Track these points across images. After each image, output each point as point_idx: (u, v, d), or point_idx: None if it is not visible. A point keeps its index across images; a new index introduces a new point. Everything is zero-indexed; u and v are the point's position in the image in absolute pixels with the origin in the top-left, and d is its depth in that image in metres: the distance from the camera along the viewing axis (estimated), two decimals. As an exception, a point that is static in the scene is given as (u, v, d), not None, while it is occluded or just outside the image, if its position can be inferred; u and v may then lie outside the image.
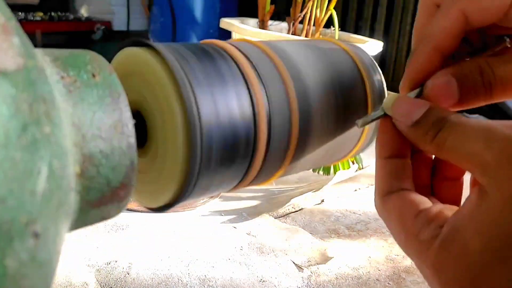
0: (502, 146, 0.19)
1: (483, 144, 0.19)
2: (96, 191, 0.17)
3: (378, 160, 0.24)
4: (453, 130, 0.21)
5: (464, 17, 0.23)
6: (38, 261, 0.13)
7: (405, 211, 0.22)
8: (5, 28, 0.13)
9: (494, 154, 0.19)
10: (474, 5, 0.23)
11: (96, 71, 0.18)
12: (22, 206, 0.12)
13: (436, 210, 0.21)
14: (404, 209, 0.22)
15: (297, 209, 0.60)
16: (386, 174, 0.23)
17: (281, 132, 0.24)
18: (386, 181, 0.23)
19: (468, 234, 0.19)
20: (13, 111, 0.12)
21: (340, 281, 0.45)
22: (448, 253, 0.19)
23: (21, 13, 1.89)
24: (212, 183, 0.23)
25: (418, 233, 0.21)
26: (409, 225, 0.21)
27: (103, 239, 0.49)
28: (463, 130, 0.20)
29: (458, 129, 0.21)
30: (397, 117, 0.23)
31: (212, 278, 0.44)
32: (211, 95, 0.21)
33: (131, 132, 0.18)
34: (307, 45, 0.29)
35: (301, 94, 0.25)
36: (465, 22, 0.23)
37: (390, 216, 0.22)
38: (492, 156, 0.19)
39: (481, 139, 0.19)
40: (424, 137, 0.22)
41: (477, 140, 0.20)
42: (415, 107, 0.22)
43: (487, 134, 0.19)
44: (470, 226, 0.19)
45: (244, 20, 0.84)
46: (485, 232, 0.18)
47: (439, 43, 0.24)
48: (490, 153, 0.19)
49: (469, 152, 0.20)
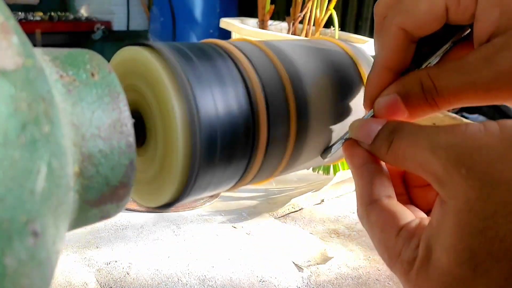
0: (447, 153, 0.18)
1: (429, 152, 0.19)
2: (95, 190, 0.17)
3: (353, 170, 0.24)
4: (404, 140, 0.21)
5: (404, 32, 0.23)
6: (37, 260, 0.13)
7: (387, 228, 0.21)
8: (4, 27, 0.13)
9: (441, 162, 0.18)
10: (410, 19, 0.23)
11: (95, 70, 0.18)
12: (21, 205, 0.12)
13: (415, 224, 0.21)
14: (385, 225, 0.22)
15: (297, 209, 0.60)
16: (365, 183, 0.23)
17: (280, 126, 0.24)
18: (365, 191, 0.23)
19: (438, 250, 0.18)
20: (12, 110, 0.12)
21: (340, 281, 0.45)
22: (426, 274, 0.19)
23: (21, 13, 1.89)
24: (212, 181, 0.23)
25: (399, 253, 0.20)
26: (391, 244, 0.21)
27: (103, 239, 0.49)
28: (413, 139, 0.20)
29: (409, 138, 0.21)
30: (360, 139, 0.24)
31: (212, 278, 0.44)
32: (210, 93, 0.21)
33: (130, 131, 0.18)
34: (306, 44, 0.29)
35: (299, 89, 0.25)
36: (405, 36, 0.23)
37: (373, 231, 0.22)
38: (439, 165, 0.18)
39: (428, 147, 0.19)
40: (380, 150, 0.22)
41: (424, 148, 0.19)
42: (372, 126, 0.23)
43: (432, 142, 0.19)
44: (438, 241, 0.19)
45: (244, 20, 0.84)
46: (451, 246, 0.18)
47: (386, 61, 0.24)
48: (437, 161, 0.19)
49: (420, 161, 0.20)
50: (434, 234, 0.19)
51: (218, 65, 0.23)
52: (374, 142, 0.23)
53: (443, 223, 0.18)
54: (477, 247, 0.17)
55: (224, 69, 0.23)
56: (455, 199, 0.18)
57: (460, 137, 0.18)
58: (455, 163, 0.18)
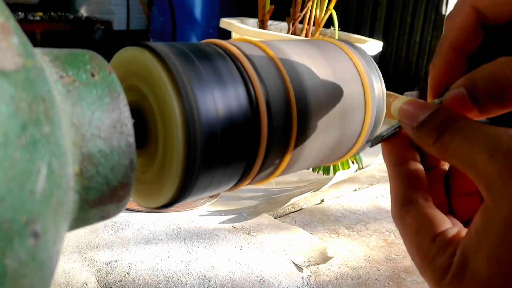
0: (506, 157, 0.17)
1: (487, 153, 0.18)
2: (96, 190, 0.17)
3: (390, 169, 0.23)
4: (459, 134, 0.19)
5: (477, 13, 0.22)
6: (37, 260, 0.13)
7: (422, 231, 0.21)
8: (4, 27, 0.13)
9: (497, 166, 0.17)
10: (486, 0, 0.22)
11: (95, 70, 0.18)
12: (21, 205, 0.12)
13: (452, 233, 0.20)
14: (421, 229, 0.21)
15: (297, 209, 0.60)
16: (401, 183, 0.22)
17: (281, 126, 0.24)
18: (401, 191, 0.22)
19: (477, 260, 0.18)
20: (12, 111, 0.12)
21: (340, 281, 0.45)
22: (461, 284, 0.18)
23: (21, 12, 1.89)
24: (212, 182, 0.23)
25: (433, 258, 0.20)
26: (425, 249, 0.20)
27: (103, 239, 0.49)
28: (469, 135, 0.19)
29: (464, 134, 0.19)
30: (402, 119, 0.22)
31: (212, 278, 0.44)
32: (211, 94, 0.21)
33: (130, 132, 0.18)
34: (306, 44, 0.29)
35: (300, 90, 0.25)
36: (478, 17, 0.22)
37: (407, 233, 0.21)
38: (495, 169, 0.17)
39: (486, 147, 0.18)
40: (427, 139, 0.21)
41: (481, 148, 0.18)
42: (421, 109, 0.21)
43: (492, 143, 0.18)
44: (477, 250, 0.18)
45: (243, 20, 0.84)
46: (492, 256, 0.17)
47: (454, 41, 0.23)
48: (493, 165, 0.17)
49: (472, 160, 0.18)
50: (473, 243, 0.18)
51: (219, 65, 0.23)
52: (421, 127, 0.21)
53: (486, 231, 0.17)
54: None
55: (224, 69, 0.23)
56: (504, 206, 0.17)
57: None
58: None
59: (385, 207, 0.62)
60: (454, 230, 0.20)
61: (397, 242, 0.52)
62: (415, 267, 0.22)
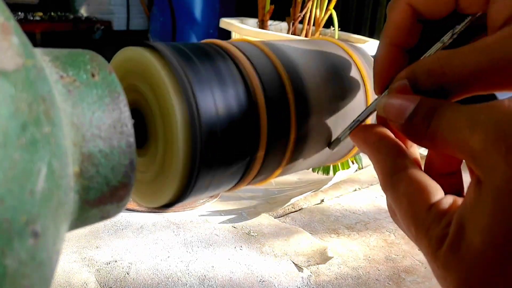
0: (487, 130, 0.17)
1: (468, 130, 0.18)
2: (96, 190, 0.17)
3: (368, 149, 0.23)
4: (443, 119, 0.20)
5: (412, 9, 0.23)
6: (37, 260, 0.13)
7: (418, 200, 0.20)
8: (4, 27, 0.13)
9: (479, 140, 0.17)
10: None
11: (95, 70, 0.18)
12: (21, 205, 0.12)
13: (448, 203, 0.20)
14: (416, 197, 0.20)
15: (297, 209, 0.60)
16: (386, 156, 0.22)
17: (281, 125, 0.24)
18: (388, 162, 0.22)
19: (472, 231, 0.17)
20: (13, 111, 0.12)
21: (339, 281, 0.45)
22: (456, 254, 0.18)
23: (21, 12, 1.89)
24: (212, 181, 0.23)
25: (428, 228, 0.19)
26: (421, 218, 0.20)
27: (103, 239, 0.49)
28: (451, 117, 0.19)
29: (447, 117, 0.19)
30: (391, 118, 0.22)
31: (212, 278, 0.44)
32: (211, 94, 0.21)
33: (131, 132, 0.18)
34: (305, 44, 0.29)
35: (299, 89, 0.25)
36: (413, 13, 0.23)
37: (401, 203, 0.21)
38: (477, 143, 0.17)
39: (466, 124, 0.18)
40: (418, 133, 0.21)
41: (463, 126, 0.18)
42: (405, 103, 0.22)
43: (471, 119, 0.18)
44: (472, 221, 0.18)
45: (243, 20, 0.84)
46: (486, 228, 0.17)
47: (392, 37, 0.24)
48: (475, 139, 0.18)
49: (457, 140, 0.19)
50: (468, 214, 0.18)
51: (219, 65, 0.23)
52: (410, 121, 0.21)
53: (478, 203, 0.17)
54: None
55: (224, 69, 0.23)
56: (493, 178, 0.17)
57: (502, 113, 0.17)
58: (494, 141, 0.17)
59: (385, 207, 0.62)
60: (450, 200, 0.20)
61: (397, 242, 0.52)
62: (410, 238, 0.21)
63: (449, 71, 0.21)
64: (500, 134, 0.17)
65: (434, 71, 0.21)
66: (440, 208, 0.20)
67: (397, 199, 0.21)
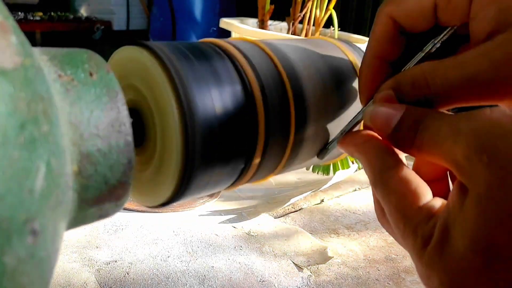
0: (468, 139, 0.18)
1: (451, 140, 0.18)
2: (94, 189, 0.17)
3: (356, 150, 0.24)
4: (428, 129, 0.20)
5: (392, 21, 0.24)
6: (36, 258, 0.13)
7: (409, 197, 0.20)
8: (3, 26, 0.13)
9: (462, 149, 0.18)
10: (398, 7, 0.23)
11: (93, 69, 0.18)
12: (20, 204, 0.12)
13: (437, 205, 0.20)
14: (407, 193, 0.21)
15: (297, 209, 0.60)
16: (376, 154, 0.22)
17: (279, 125, 0.24)
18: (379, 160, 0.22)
19: (455, 235, 0.18)
20: (11, 110, 0.13)
21: (339, 281, 0.45)
22: (440, 256, 0.18)
23: (20, 12, 1.89)
24: (210, 180, 0.23)
25: (416, 226, 0.20)
26: (410, 215, 0.20)
27: (103, 239, 0.49)
28: (435, 128, 0.20)
29: (431, 128, 0.20)
30: (377, 127, 0.23)
31: (212, 278, 0.44)
32: (208, 93, 0.21)
33: (129, 131, 0.18)
34: (304, 43, 0.29)
35: (298, 88, 0.25)
36: (393, 26, 0.24)
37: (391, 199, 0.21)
38: (460, 152, 0.18)
39: (449, 134, 0.19)
40: (404, 142, 0.21)
41: (446, 136, 0.19)
42: (390, 113, 0.22)
43: (454, 129, 0.18)
44: (456, 226, 0.18)
45: (243, 20, 0.84)
46: (469, 233, 0.17)
47: (375, 50, 0.25)
48: (458, 149, 0.18)
49: (442, 150, 0.19)
50: (452, 218, 0.18)
51: (216, 64, 0.23)
52: (397, 132, 0.21)
53: (462, 208, 0.18)
54: (495, 237, 0.17)
55: (222, 68, 0.23)
56: (476, 186, 0.17)
57: (483, 122, 0.18)
58: (476, 150, 0.17)
59: (385, 207, 0.62)
60: (439, 202, 0.20)
61: (397, 242, 0.53)
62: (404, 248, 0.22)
63: (433, 84, 0.21)
64: (481, 143, 0.17)
65: (418, 82, 0.22)
66: (430, 208, 0.20)
67: (387, 195, 0.21)
